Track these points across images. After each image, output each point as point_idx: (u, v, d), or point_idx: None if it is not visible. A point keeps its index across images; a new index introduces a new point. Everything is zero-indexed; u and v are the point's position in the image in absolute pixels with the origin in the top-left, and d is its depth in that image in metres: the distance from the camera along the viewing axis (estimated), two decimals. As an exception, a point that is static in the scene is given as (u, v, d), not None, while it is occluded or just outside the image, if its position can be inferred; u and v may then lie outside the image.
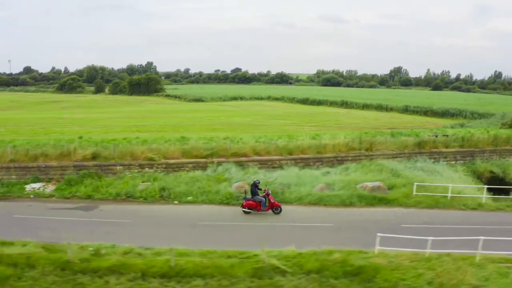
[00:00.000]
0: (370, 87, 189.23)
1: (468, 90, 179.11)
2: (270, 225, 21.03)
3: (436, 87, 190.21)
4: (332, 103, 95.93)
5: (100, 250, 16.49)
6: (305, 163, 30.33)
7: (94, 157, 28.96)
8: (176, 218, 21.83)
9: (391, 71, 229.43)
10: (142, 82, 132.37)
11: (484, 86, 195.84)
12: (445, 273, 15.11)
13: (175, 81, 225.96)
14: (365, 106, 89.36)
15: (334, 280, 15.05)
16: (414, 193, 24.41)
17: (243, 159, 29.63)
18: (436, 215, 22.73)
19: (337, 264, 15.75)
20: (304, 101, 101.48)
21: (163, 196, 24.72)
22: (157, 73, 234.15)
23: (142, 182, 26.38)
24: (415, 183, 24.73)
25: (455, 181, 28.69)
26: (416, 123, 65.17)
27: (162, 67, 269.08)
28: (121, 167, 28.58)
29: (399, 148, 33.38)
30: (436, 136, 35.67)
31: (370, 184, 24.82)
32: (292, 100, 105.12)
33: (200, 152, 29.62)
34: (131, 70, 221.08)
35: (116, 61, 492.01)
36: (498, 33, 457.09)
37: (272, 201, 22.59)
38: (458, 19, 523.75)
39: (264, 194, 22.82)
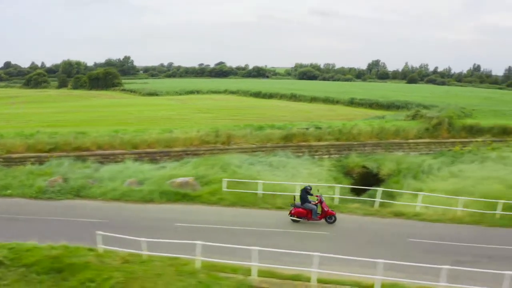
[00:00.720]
0: (345, 81, 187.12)
1: (443, 83, 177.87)
2: (40, 219, 20.71)
3: (412, 80, 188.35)
4: (283, 96, 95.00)
5: None
6: (151, 157, 29.71)
7: None
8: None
9: (369, 65, 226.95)
10: (100, 76, 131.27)
11: (461, 79, 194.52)
12: (135, 278, 14.53)
13: (152, 75, 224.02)
14: (313, 99, 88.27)
15: (35, 275, 15.07)
16: (224, 189, 23.53)
17: (85, 153, 29.17)
18: (226, 213, 21.72)
19: (50, 260, 15.60)
20: (257, 94, 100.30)
21: (-15, 189, 24.91)
22: (134, 67, 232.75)
23: (-24, 175, 26.26)
24: (224, 179, 23.81)
25: (298, 177, 27.58)
26: (350, 116, 64.29)
27: (147, 61, 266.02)
28: (-33, 160, 28.81)
29: (261, 142, 32.68)
30: (307, 129, 34.85)
31: (179, 180, 24.04)
32: (246, 93, 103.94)
33: (44, 146, 29.49)
34: (108, 64, 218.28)
35: (99, 56, 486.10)
36: (484, 28, 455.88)
37: (325, 209, 20.46)
38: (446, 13, 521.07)
39: (316, 201, 20.74)
